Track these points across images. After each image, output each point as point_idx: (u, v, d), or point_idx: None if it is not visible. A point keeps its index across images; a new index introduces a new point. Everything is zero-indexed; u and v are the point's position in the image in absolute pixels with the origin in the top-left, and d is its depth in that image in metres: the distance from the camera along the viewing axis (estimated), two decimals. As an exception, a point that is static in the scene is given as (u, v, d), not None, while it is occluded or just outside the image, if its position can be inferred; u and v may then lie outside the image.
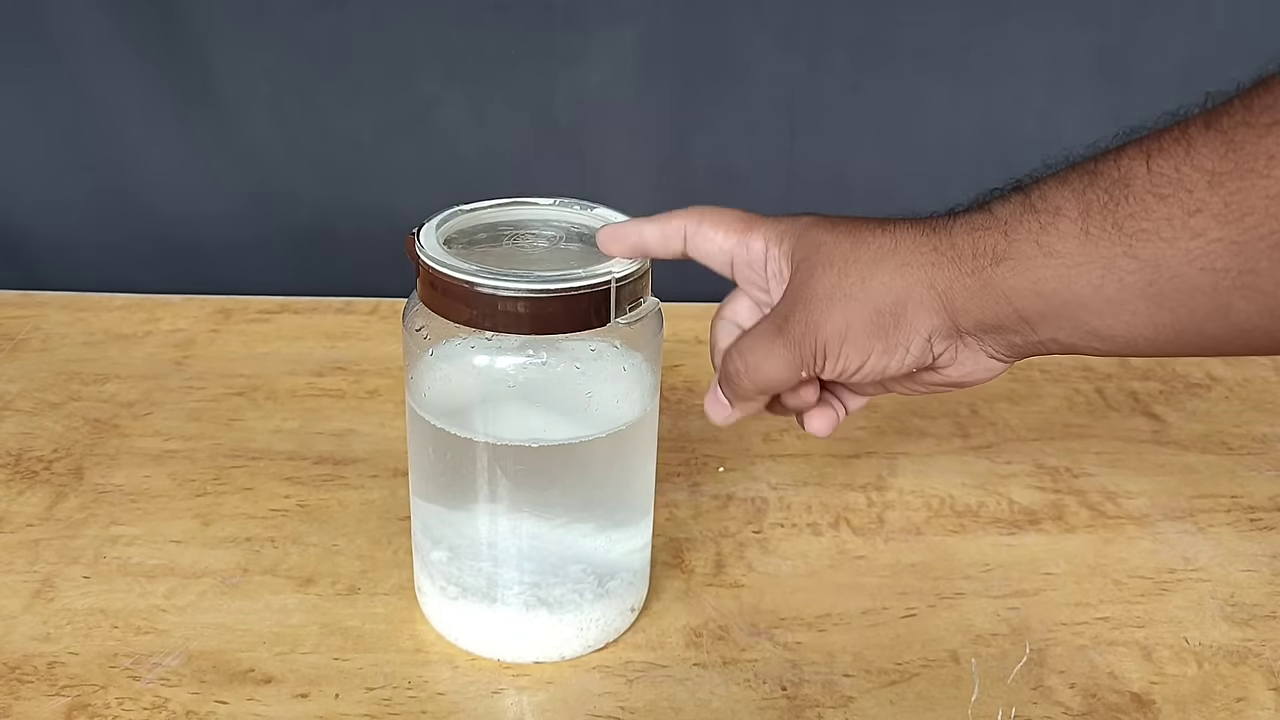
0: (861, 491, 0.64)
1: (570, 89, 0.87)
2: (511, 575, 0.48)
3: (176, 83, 0.85)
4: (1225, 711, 0.49)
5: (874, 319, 0.41)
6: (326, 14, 0.84)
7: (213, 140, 0.87)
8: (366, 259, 0.88)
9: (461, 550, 0.49)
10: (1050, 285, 0.38)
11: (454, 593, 0.50)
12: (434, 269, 0.44)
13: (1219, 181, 0.34)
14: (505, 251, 0.48)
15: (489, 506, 0.47)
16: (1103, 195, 0.37)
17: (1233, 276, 0.35)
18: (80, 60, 0.84)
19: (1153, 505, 0.63)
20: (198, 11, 0.83)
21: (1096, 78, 0.87)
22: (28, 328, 0.79)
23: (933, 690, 0.50)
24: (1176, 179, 0.35)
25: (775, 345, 0.42)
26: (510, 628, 0.49)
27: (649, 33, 0.85)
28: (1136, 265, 0.36)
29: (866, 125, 0.89)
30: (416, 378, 0.48)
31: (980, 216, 0.40)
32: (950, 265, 0.40)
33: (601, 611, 0.50)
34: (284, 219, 0.90)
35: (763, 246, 0.45)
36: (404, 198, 0.89)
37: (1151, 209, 0.36)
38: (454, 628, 0.51)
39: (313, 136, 0.88)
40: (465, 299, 0.43)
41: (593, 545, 0.49)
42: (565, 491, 0.47)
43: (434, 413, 0.47)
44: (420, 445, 0.49)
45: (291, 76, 0.86)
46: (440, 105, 0.87)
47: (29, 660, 0.49)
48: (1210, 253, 0.35)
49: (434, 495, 0.49)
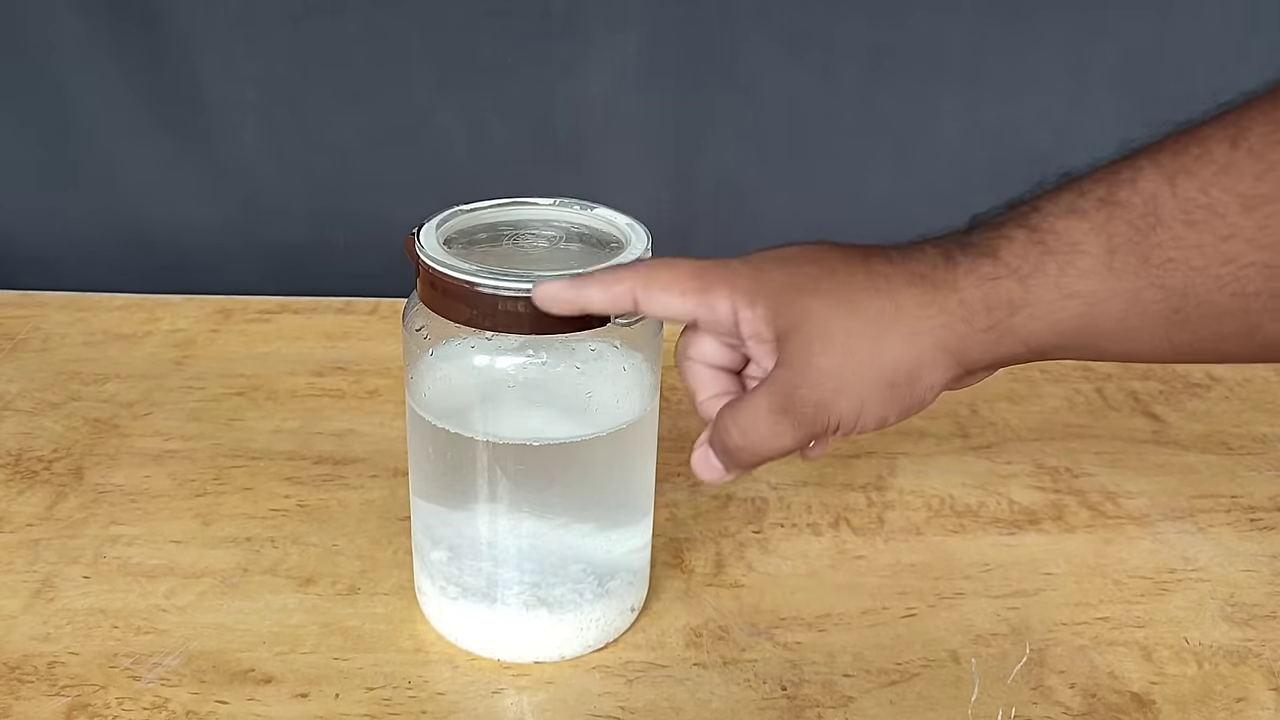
0: (861, 491, 0.64)
1: (569, 98, 0.85)
2: (511, 575, 0.48)
3: (161, 92, 0.84)
4: (1225, 711, 0.49)
5: (888, 391, 0.39)
6: (318, 20, 0.82)
7: (200, 150, 0.86)
8: (358, 272, 0.87)
9: (461, 550, 0.49)
10: (1071, 324, 0.37)
11: (454, 593, 0.50)
12: (434, 269, 0.44)
13: (1253, 205, 0.33)
14: (505, 251, 0.48)
15: (489, 506, 0.47)
16: (1126, 228, 0.35)
17: (1264, 300, 0.34)
18: (60, 70, 0.82)
19: (1153, 505, 0.63)
20: (181, 18, 0.81)
21: (1116, 88, 0.85)
22: (28, 328, 0.79)
23: (933, 690, 0.50)
24: (1207, 204, 0.34)
25: (781, 425, 0.39)
26: (510, 628, 0.49)
27: (651, 40, 0.83)
28: (1163, 295, 0.35)
29: (877, 138, 0.87)
30: (416, 378, 0.48)
31: (987, 264, 0.37)
32: (962, 324, 0.38)
33: (602, 611, 0.50)
34: (274, 231, 0.89)
35: (729, 309, 0.41)
36: (397, 210, 0.85)
37: (1181, 238, 0.34)
38: (454, 628, 0.51)
39: (303, 146, 0.87)
40: (465, 299, 0.43)
41: (593, 545, 0.49)
42: (565, 491, 0.47)
43: (434, 412, 0.47)
44: (420, 445, 0.49)
45: (281, 85, 0.84)
46: (435, 115, 0.86)
47: (29, 660, 0.49)
48: (1242, 278, 0.34)
49: (434, 495, 0.49)
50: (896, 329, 0.38)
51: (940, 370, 0.39)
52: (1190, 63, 0.84)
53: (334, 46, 0.83)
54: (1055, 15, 0.83)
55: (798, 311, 0.39)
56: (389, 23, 0.83)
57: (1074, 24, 0.84)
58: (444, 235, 0.47)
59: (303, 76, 0.84)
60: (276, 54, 0.83)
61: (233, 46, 0.83)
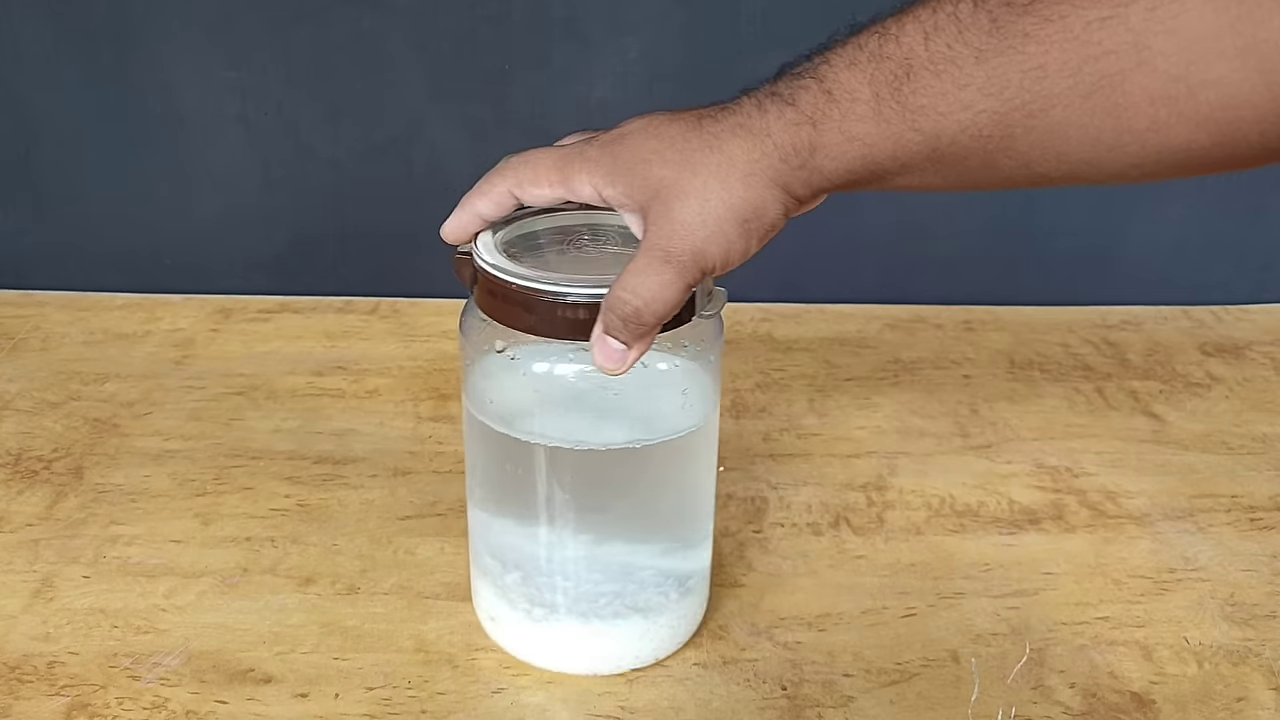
0: (861, 491, 0.64)
1: (569, 105, 0.83)
2: (610, 587, 0.48)
3: (134, 102, 0.82)
4: (1225, 711, 0.49)
5: (742, 226, 0.43)
6: (303, 26, 0.80)
7: (178, 162, 0.84)
8: (347, 287, 0.86)
9: (539, 568, 0.48)
10: (859, 164, 0.42)
11: (540, 614, 0.49)
12: (495, 275, 0.44)
13: (983, 58, 0.39)
14: (565, 257, 0.47)
15: (572, 518, 0.47)
16: (889, 77, 0.41)
17: (996, 142, 0.40)
18: (24, 84, 0.81)
19: (1153, 505, 0.63)
20: (152, 26, 0.79)
21: None
22: (28, 328, 0.79)
23: (933, 690, 0.50)
24: (949, 56, 0.39)
25: (666, 274, 0.43)
26: (603, 639, 0.49)
27: (653, 45, 0.82)
28: (921, 138, 0.41)
29: None
30: (478, 385, 0.47)
31: (790, 112, 0.43)
32: (780, 163, 0.43)
33: (686, 608, 0.51)
34: (259, 244, 0.87)
35: (592, 190, 0.46)
36: (388, 223, 0.86)
37: (929, 86, 0.40)
38: (541, 650, 0.50)
39: (289, 157, 0.84)
40: (526, 305, 0.43)
41: (669, 548, 0.49)
42: (638, 498, 0.47)
43: (497, 419, 0.46)
44: (486, 457, 0.48)
45: (266, 94, 0.82)
46: (428, 123, 0.84)
47: (29, 660, 0.49)
48: (978, 123, 0.39)
49: (502, 510, 0.48)
50: (734, 174, 0.43)
51: (775, 202, 0.44)
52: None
53: (321, 54, 0.81)
54: None
55: (654, 182, 0.44)
56: (378, 29, 0.80)
57: None
58: (502, 241, 0.46)
59: (288, 85, 0.82)
60: (260, 62, 0.81)
61: (211, 55, 0.81)
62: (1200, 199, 0.88)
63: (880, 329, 0.83)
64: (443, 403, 0.71)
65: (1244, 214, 0.89)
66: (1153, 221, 0.89)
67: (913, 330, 0.83)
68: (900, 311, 0.85)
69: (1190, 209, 0.89)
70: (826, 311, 0.84)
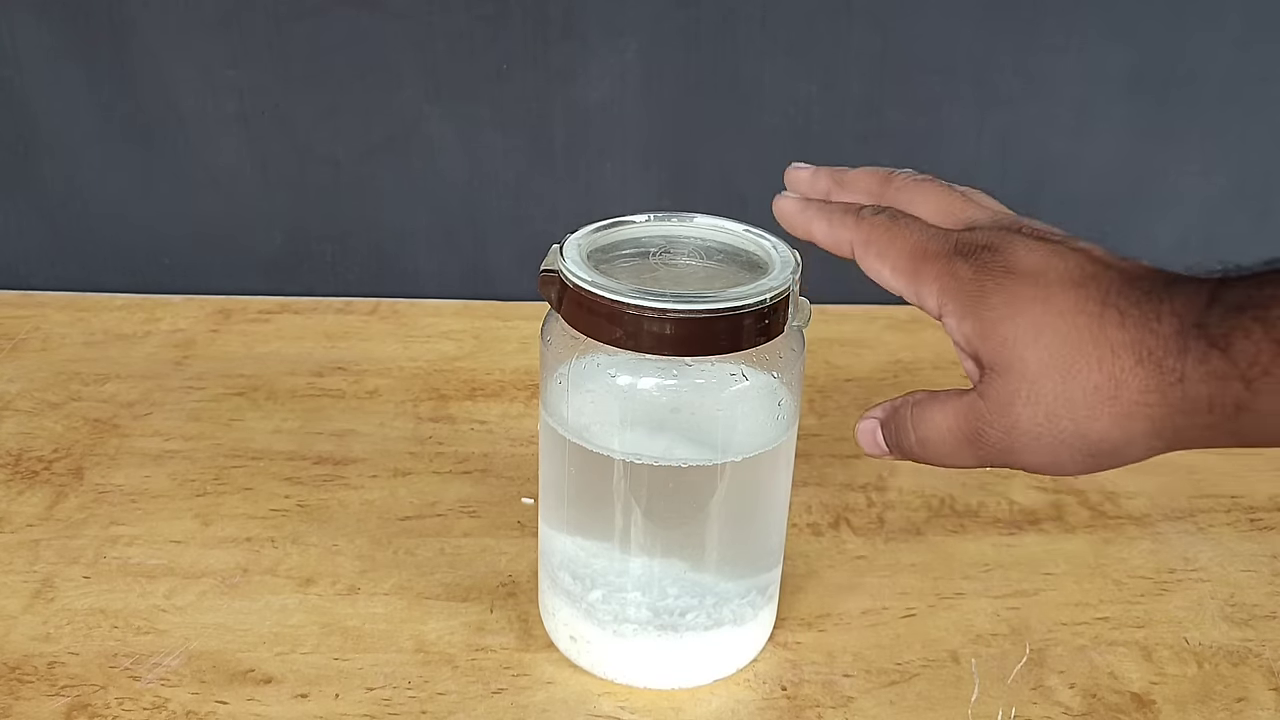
0: (861, 491, 0.64)
1: (567, 106, 0.83)
2: (690, 601, 0.48)
3: (133, 102, 0.82)
4: (1225, 711, 0.49)
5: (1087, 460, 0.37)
6: (302, 25, 0.80)
7: (177, 162, 0.84)
8: (346, 287, 0.86)
9: (626, 583, 0.48)
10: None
11: (629, 630, 0.48)
12: (582, 287, 0.43)
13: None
14: (651, 269, 0.46)
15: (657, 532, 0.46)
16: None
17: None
18: (25, 84, 0.81)
19: (1153, 505, 0.63)
20: (152, 26, 0.79)
21: (1128, 95, 0.84)
22: (28, 328, 0.79)
23: (933, 690, 0.50)
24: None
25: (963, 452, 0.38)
26: (693, 650, 0.49)
27: (652, 47, 0.82)
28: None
29: (879, 145, 0.85)
30: (558, 398, 0.46)
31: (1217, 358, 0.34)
32: (1182, 417, 0.36)
33: (769, 614, 0.51)
34: (256, 246, 0.87)
35: (936, 307, 0.40)
36: (386, 223, 0.86)
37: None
38: (628, 667, 0.49)
39: (287, 157, 0.84)
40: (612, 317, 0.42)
41: (753, 558, 0.49)
42: (725, 513, 0.47)
43: (578, 433, 0.46)
44: (568, 472, 0.47)
45: (264, 93, 0.82)
46: (425, 123, 0.83)
47: (29, 660, 0.49)
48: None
49: (585, 529, 0.48)
50: (1111, 409, 0.36)
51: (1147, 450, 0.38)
52: (1207, 68, 0.83)
53: (318, 53, 0.81)
54: (1064, 21, 0.82)
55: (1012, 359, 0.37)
56: (376, 28, 0.80)
57: (1091, 27, 0.82)
58: (587, 251, 0.46)
59: (285, 84, 0.82)
60: (257, 61, 0.81)
61: (207, 53, 0.81)
62: (1204, 202, 0.88)
63: (880, 329, 0.83)
64: (443, 403, 0.71)
65: (1248, 219, 0.89)
66: (1155, 225, 0.89)
67: (913, 330, 0.83)
68: (900, 311, 0.85)
69: (1194, 212, 0.89)
70: (826, 311, 0.83)
